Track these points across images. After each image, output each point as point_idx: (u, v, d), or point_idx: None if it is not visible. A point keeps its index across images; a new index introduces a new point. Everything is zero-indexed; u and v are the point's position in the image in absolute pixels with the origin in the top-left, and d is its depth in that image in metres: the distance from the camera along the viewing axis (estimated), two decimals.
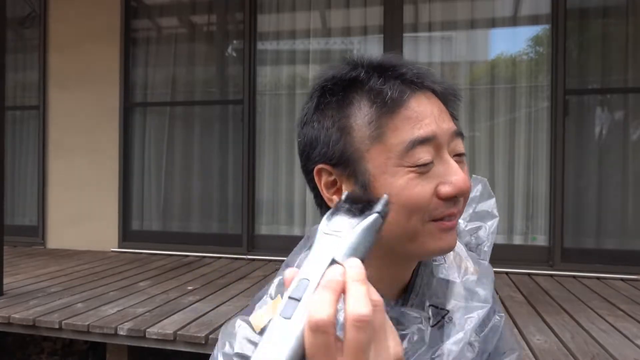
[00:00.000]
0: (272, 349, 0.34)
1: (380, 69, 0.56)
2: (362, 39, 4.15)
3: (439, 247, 0.56)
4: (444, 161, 0.55)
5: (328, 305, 0.34)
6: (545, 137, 3.70)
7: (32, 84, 4.70)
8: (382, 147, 0.54)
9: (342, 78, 0.57)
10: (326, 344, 0.34)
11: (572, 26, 3.70)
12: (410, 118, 0.54)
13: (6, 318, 2.42)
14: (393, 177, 0.54)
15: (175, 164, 4.42)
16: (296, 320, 0.35)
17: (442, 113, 0.56)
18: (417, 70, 0.56)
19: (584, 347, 2.05)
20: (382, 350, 0.35)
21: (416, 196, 0.53)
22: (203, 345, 2.14)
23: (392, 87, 0.54)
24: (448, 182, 0.54)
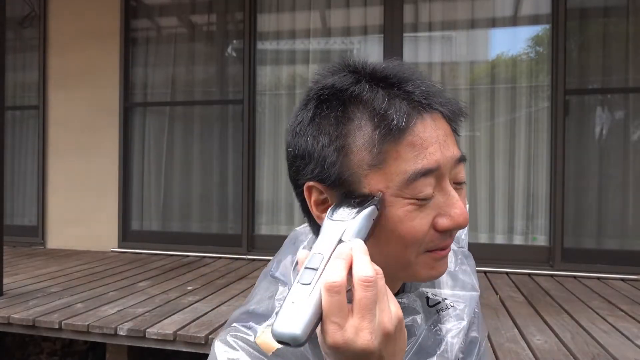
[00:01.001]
0: (296, 310, 0.41)
1: (385, 84, 0.51)
2: (362, 39, 4.15)
3: (430, 275, 0.55)
4: (445, 192, 0.51)
5: (341, 270, 0.42)
6: (545, 137, 3.70)
7: (32, 84, 4.70)
8: (382, 174, 0.50)
9: (343, 90, 0.51)
10: (340, 303, 0.41)
11: (572, 26, 3.70)
12: (414, 145, 0.49)
13: (6, 318, 2.42)
14: (391, 206, 0.50)
15: (175, 164, 4.42)
16: (314, 285, 0.42)
17: (447, 137, 0.52)
18: (425, 88, 0.51)
19: (584, 347, 2.05)
20: (386, 309, 0.42)
21: (413, 229, 0.51)
22: (203, 345, 2.14)
23: (398, 112, 0.49)
24: (447, 215, 0.51)
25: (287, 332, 0.40)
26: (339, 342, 0.41)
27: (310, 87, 0.55)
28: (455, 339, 0.60)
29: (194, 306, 2.60)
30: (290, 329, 0.40)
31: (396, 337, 0.43)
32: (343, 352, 0.41)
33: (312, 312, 0.41)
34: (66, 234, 4.52)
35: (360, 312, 0.41)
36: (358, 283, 0.41)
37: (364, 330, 0.41)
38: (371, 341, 0.41)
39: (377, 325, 0.41)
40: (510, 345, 2.07)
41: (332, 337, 0.41)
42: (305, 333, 0.40)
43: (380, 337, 0.42)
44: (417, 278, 0.55)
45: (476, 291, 0.66)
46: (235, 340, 0.53)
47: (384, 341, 0.42)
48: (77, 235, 4.48)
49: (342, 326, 0.41)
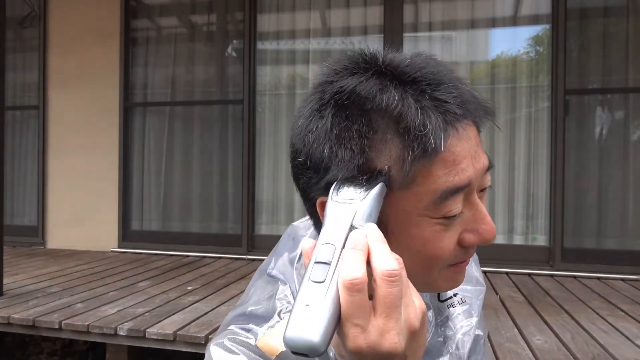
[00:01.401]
0: (312, 314, 0.35)
1: (415, 88, 0.44)
2: (362, 39, 4.15)
3: (450, 287, 0.52)
4: (473, 206, 0.48)
5: (360, 264, 0.37)
6: (545, 137, 3.70)
7: (32, 84, 4.70)
8: (409, 194, 0.45)
9: (367, 99, 0.44)
10: (362, 302, 0.36)
11: (572, 26, 3.70)
12: (446, 162, 0.44)
13: (6, 318, 2.42)
14: (417, 227, 0.46)
15: (175, 164, 4.42)
16: (329, 283, 0.36)
17: (478, 147, 0.47)
18: (459, 94, 0.45)
19: (584, 347, 2.05)
20: (410, 304, 0.38)
21: (441, 249, 0.47)
22: (203, 345, 2.14)
23: (435, 130, 0.42)
24: (474, 231, 0.48)
25: (305, 339, 0.35)
26: (362, 346, 0.36)
27: (321, 84, 0.48)
28: (466, 336, 0.59)
29: (194, 306, 2.60)
30: (307, 335, 0.35)
31: (420, 332, 0.39)
32: (366, 356, 0.37)
33: (330, 315, 0.36)
34: (66, 234, 4.52)
35: (385, 311, 0.36)
36: (382, 278, 0.36)
37: (391, 331, 0.36)
38: (399, 343, 0.36)
39: (403, 323, 0.37)
40: (510, 345, 2.07)
41: (354, 341, 0.36)
42: (325, 340, 0.35)
43: (407, 336, 0.37)
44: (438, 289, 0.52)
45: (482, 286, 0.64)
46: (233, 344, 0.49)
47: (410, 339, 0.38)
48: (77, 235, 4.47)
49: (365, 328, 0.36)
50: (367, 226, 0.40)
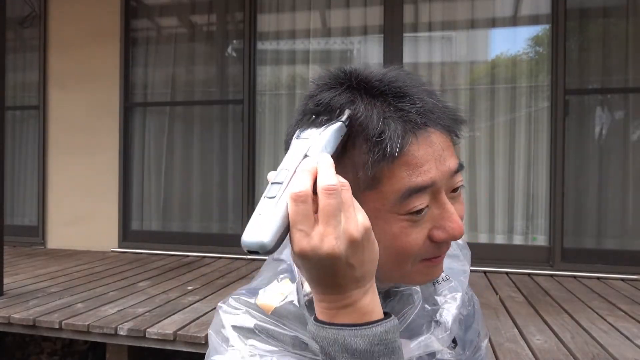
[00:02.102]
0: (263, 220, 0.42)
1: (381, 100, 0.50)
2: (362, 39, 4.15)
3: (425, 280, 0.57)
4: (440, 205, 0.52)
5: (306, 181, 0.43)
6: (545, 137, 3.70)
7: (32, 84, 4.70)
8: (376, 193, 0.50)
9: (337, 108, 0.50)
10: (306, 211, 0.42)
11: (572, 26, 3.70)
12: (409, 164, 0.49)
13: (6, 318, 2.42)
14: (386, 223, 0.51)
15: (175, 164, 4.42)
16: (280, 198, 0.43)
17: (443, 151, 0.52)
18: (421, 104, 0.51)
19: (584, 347, 2.05)
20: (351, 217, 0.44)
21: (409, 244, 0.51)
22: (203, 345, 2.14)
23: (392, 137, 0.48)
24: (442, 228, 0.52)
25: (255, 240, 0.41)
26: (306, 249, 0.43)
27: (306, 97, 0.54)
28: (452, 307, 0.62)
29: (194, 306, 2.60)
30: (258, 237, 0.41)
31: (364, 246, 0.44)
32: (310, 259, 0.43)
33: (279, 221, 0.42)
34: (66, 234, 4.53)
35: (324, 218, 0.42)
36: (321, 192, 0.43)
37: (329, 235, 0.42)
38: (336, 246, 0.42)
39: (342, 231, 0.43)
40: (510, 345, 2.07)
41: (299, 244, 0.43)
42: (273, 240, 0.41)
43: (346, 243, 0.43)
44: (413, 283, 0.57)
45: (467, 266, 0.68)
46: (237, 303, 0.56)
47: (350, 248, 0.43)
48: (77, 235, 4.48)
49: (308, 233, 0.42)
50: (320, 154, 0.46)
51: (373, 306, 0.47)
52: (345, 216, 0.43)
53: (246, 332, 0.54)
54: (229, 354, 0.53)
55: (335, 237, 0.42)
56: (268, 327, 0.54)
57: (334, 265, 0.43)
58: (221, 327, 0.55)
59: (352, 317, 0.46)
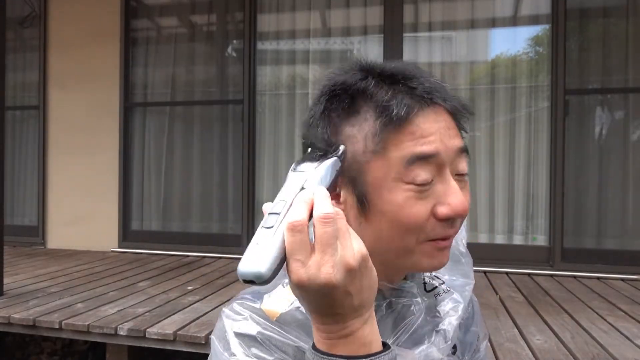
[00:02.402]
0: (260, 250, 0.43)
1: (391, 80, 0.54)
2: (362, 39, 4.15)
3: (432, 265, 0.56)
4: (445, 181, 0.53)
5: (302, 211, 0.44)
6: (545, 137, 3.70)
7: (32, 84, 4.70)
8: (383, 160, 0.52)
9: (352, 86, 0.55)
10: (302, 241, 0.43)
11: (572, 26, 3.70)
12: (414, 134, 0.52)
13: (6, 318, 2.42)
14: (390, 192, 0.52)
15: (175, 164, 4.42)
16: (277, 228, 0.44)
17: (449, 130, 0.54)
18: (428, 84, 0.54)
19: (584, 347, 2.05)
20: (348, 246, 0.44)
21: (413, 216, 0.52)
22: (203, 345, 2.14)
23: (399, 104, 0.52)
24: (446, 204, 0.53)
25: (252, 270, 0.41)
26: (303, 278, 0.43)
27: (323, 84, 0.58)
28: (453, 319, 0.62)
29: (194, 306, 2.60)
30: (255, 267, 0.41)
31: (362, 273, 0.44)
32: (307, 288, 0.43)
33: (276, 251, 0.43)
34: (66, 234, 4.52)
35: (321, 247, 0.43)
36: (317, 220, 0.44)
37: (326, 264, 0.42)
38: (333, 275, 0.42)
39: (338, 259, 0.43)
40: (510, 345, 2.07)
41: (296, 274, 0.43)
42: (270, 270, 0.42)
43: (343, 271, 0.43)
44: (419, 267, 0.56)
45: (471, 280, 0.68)
46: (241, 308, 0.57)
47: (348, 276, 0.43)
48: (77, 235, 4.48)
49: (305, 263, 0.43)
50: (316, 187, 0.47)
51: (372, 337, 0.47)
52: (341, 244, 0.44)
53: (248, 340, 0.54)
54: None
55: (332, 266, 0.43)
56: (271, 336, 0.53)
57: (332, 294, 0.43)
58: (224, 332, 0.55)
59: (351, 348, 0.45)
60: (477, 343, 0.69)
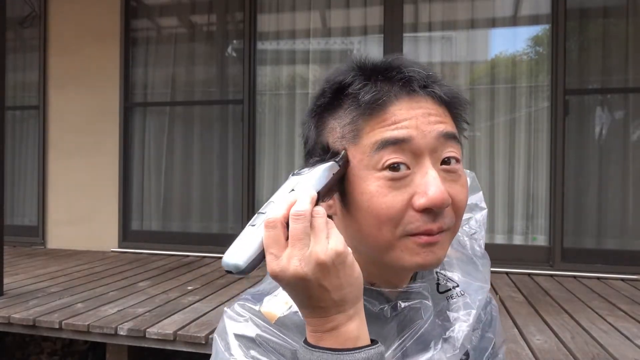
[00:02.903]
0: (241, 245, 0.46)
1: (371, 72, 0.55)
2: (362, 39, 4.15)
3: (415, 263, 0.53)
4: (423, 170, 0.51)
5: (280, 209, 0.46)
6: (545, 137, 3.70)
7: (32, 84, 4.70)
8: (357, 148, 0.53)
9: (335, 82, 0.56)
10: (276, 236, 0.45)
11: (572, 26, 3.70)
12: (387, 120, 0.52)
13: (6, 318, 2.42)
14: (365, 181, 0.52)
15: (175, 164, 4.42)
16: (259, 226, 0.47)
17: (430, 116, 0.53)
18: (410, 74, 0.54)
19: (584, 347, 2.05)
20: (321, 242, 0.45)
21: (384, 205, 0.51)
22: (203, 345, 2.14)
23: (368, 91, 0.53)
24: (422, 194, 0.50)
25: (232, 262, 0.45)
26: (276, 270, 0.45)
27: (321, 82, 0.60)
28: (464, 325, 0.60)
29: (194, 306, 2.60)
30: (234, 260, 0.45)
31: (337, 270, 0.45)
32: (281, 280, 0.46)
33: (255, 246, 0.46)
34: (66, 234, 4.52)
35: (291, 241, 0.45)
36: (291, 217, 0.46)
37: (294, 257, 0.45)
38: (300, 267, 0.44)
39: (308, 254, 0.45)
40: (510, 345, 2.07)
41: (270, 266, 0.46)
42: (246, 263, 0.45)
43: (313, 265, 0.45)
44: (402, 264, 0.53)
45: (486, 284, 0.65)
46: (242, 309, 0.58)
47: (319, 270, 0.45)
48: (77, 235, 4.47)
49: (277, 256, 0.45)
50: (304, 188, 0.49)
51: (359, 332, 0.47)
52: (314, 240, 0.45)
53: (247, 342, 0.54)
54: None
55: (300, 259, 0.45)
56: (269, 339, 0.54)
57: (305, 288, 0.45)
58: (225, 333, 0.56)
59: (336, 341, 0.47)
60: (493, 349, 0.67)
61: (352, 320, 0.47)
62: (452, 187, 0.53)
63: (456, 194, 0.53)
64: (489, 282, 0.66)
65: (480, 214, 0.70)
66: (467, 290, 0.64)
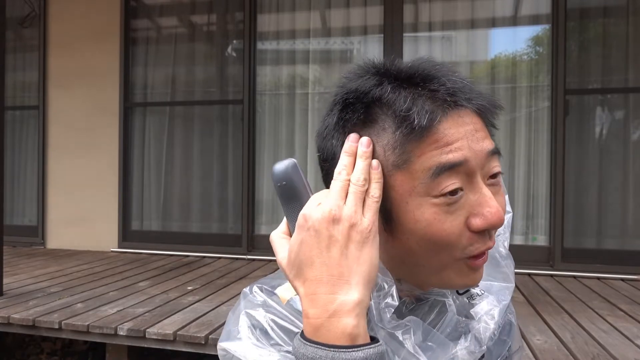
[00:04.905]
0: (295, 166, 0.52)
1: (409, 84, 0.50)
2: (362, 39, 4.15)
3: (464, 284, 0.53)
4: (476, 189, 0.50)
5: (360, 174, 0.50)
6: (545, 137, 3.70)
7: (32, 84, 4.70)
8: (407, 174, 0.49)
9: (367, 93, 0.51)
10: (341, 189, 0.49)
11: (572, 26, 3.70)
12: (438, 142, 0.48)
13: (6, 318, 2.42)
14: (418, 209, 0.49)
15: (175, 164, 4.42)
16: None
17: (477, 132, 0.51)
18: (451, 85, 0.50)
19: (584, 347, 2.05)
20: (358, 212, 0.48)
21: (445, 232, 0.49)
22: (203, 345, 2.14)
23: (420, 112, 0.48)
24: (480, 215, 0.49)
25: (277, 168, 0.52)
26: (305, 212, 0.49)
27: (336, 90, 0.55)
28: (492, 322, 0.59)
29: (194, 306, 2.60)
30: (279, 167, 0.52)
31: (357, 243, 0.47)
32: (306, 221, 0.48)
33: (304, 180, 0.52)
34: (66, 234, 4.52)
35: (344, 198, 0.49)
36: (355, 184, 0.49)
37: (312, 202, 0.50)
38: (309, 208, 0.49)
39: (343, 210, 0.48)
40: None
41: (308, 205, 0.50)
42: (286, 173, 0.52)
43: (320, 213, 0.47)
44: (449, 285, 0.53)
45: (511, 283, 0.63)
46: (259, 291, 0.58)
47: (324, 221, 0.47)
48: (77, 235, 4.47)
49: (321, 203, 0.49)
50: None
51: (359, 330, 0.44)
52: (355, 208, 0.48)
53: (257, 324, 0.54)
54: (234, 343, 0.53)
55: (318, 204, 0.48)
56: (279, 323, 0.53)
57: (317, 241, 0.47)
58: (239, 312, 0.56)
59: (333, 336, 0.44)
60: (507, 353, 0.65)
61: (352, 313, 0.44)
62: (498, 200, 0.52)
63: (499, 203, 0.52)
64: (514, 281, 0.64)
65: (506, 217, 0.70)
66: (489, 290, 0.62)
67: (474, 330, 0.57)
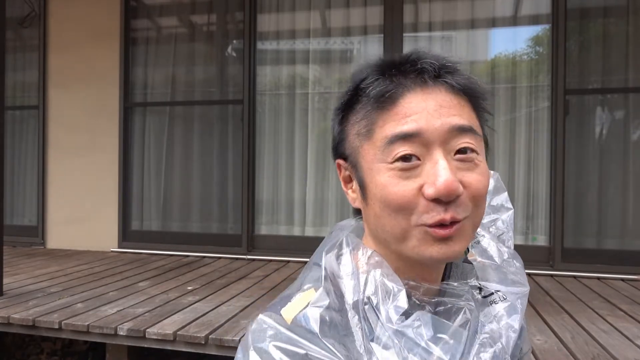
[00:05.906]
0: None
1: (387, 67, 0.56)
2: (362, 39, 4.15)
3: (430, 255, 0.53)
4: (433, 161, 0.52)
5: None
6: (545, 137, 3.70)
7: (32, 84, 4.70)
8: (371, 143, 0.55)
9: (356, 82, 0.59)
10: None
11: (572, 26, 3.70)
12: (397, 114, 0.54)
13: (6, 318, 2.42)
14: (378, 174, 0.54)
15: (175, 164, 4.42)
16: None
17: (442, 108, 0.53)
18: (421, 65, 0.55)
19: (584, 347, 2.05)
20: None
21: (395, 194, 0.53)
22: (203, 345, 2.14)
23: (378, 86, 0.55)
24: (431, 183, 0.51)
25: None
26: None
27: None
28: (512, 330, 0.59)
29: (194, 306, 2.60)
30: None
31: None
32: None
33: None
34: (66, 234, 4.52)
35: None
36: None
37: None
38: None
39: None
40: None
41: None
42: None
43: None
44: (420, 255, 0.54)
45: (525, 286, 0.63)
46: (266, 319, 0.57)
47: None
48: (77, 235, 4.47)
49: None
50: None
51: None
52: None
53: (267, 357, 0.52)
54: None
55: None
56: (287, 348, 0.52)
57: None
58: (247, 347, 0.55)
59: None
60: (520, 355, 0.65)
61: None
62: (467, 176, 0.53)
63: (472, 182, 0.53)
64: (527, 284, 0.64)
65: (507, 214, 0.71)
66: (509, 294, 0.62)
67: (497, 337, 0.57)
